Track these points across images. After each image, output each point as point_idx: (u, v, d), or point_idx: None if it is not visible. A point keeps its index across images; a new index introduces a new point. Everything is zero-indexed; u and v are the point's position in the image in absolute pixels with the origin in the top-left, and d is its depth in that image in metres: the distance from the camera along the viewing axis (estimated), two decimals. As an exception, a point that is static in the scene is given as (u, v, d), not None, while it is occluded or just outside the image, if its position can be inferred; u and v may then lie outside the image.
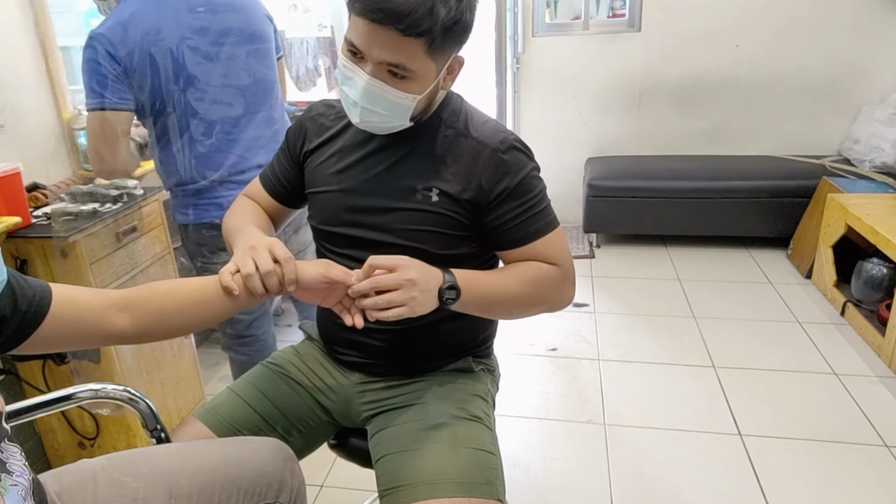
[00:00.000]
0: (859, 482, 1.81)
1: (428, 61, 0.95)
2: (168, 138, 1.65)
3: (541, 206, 1.07)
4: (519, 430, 2.11)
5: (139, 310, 0.90)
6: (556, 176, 3.88)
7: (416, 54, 0.93)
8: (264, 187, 1.23)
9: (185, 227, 1.75)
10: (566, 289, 1.10)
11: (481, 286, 1.02)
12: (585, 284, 3.18)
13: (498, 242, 1.09)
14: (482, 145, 1.04)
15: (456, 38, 0.96)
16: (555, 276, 1.07)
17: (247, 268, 0.91)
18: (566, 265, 1.09)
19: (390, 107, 0.98)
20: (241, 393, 1.17)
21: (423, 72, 0.96)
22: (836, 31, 3.42)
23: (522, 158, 1.05)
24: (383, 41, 0.91)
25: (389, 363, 1.17)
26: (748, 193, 3.36)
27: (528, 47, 3.74)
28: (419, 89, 0.97)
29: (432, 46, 0.93)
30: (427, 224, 1.05)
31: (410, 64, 0.93)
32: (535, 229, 1.06)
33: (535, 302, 1.08)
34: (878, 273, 2.58)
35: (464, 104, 1.12)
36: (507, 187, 1.03)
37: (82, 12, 2.28)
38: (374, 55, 0.93)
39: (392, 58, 0.93)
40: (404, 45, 0.91)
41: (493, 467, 1.03)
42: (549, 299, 1.09)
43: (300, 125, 1.18)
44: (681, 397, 2.24)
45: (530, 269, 1.06)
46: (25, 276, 0.84)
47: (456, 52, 1.00)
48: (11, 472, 0.74)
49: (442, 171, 1.04)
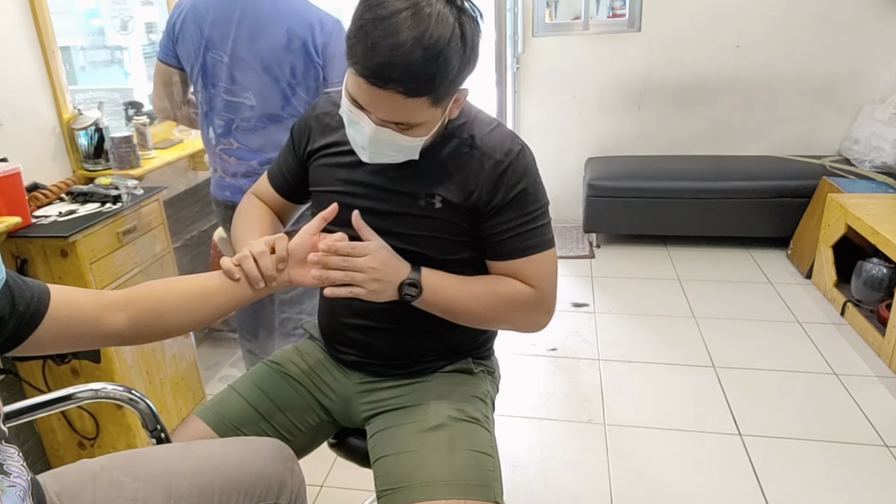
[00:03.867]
0: (859, 482, 1.81)
1: (434, 111, 0.93)
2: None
3: (535, 223, 1.04)
4: (519, 430, 2.11)
5: (137, 308, 0.90)
6: (556, 176, 3.88)
7: (421, 110, 0.90)
8: (271, 184, 1.24)
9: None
10: (538, 316, 1.08)
11: (447, 290, 1.02)
12: (585, 284, 3.18)
13: (487, 252, 1.08)
14: (486, 156, 1.03)
15: (460, 84, 0.94)
16: (528, 298, 1.05)
17: (241, 253, 0.95)
18: (545, 291, 1.06)
19: (399, 149, 0.97)
20: (242, 391, 1.18)
21: (429, 119, 0.94)
22: (836, 31, 3.41)
23: (524, 172, 1.03)
24: (386, 102, 0.89)
25: (389, 363, 1.17)
26: (748, 193, 3.36)
27: (528, 47, 3.74)
28: (426, 132, 0.97)
29: (437, 100, 0.91)
30: (429, 230, 1.05)
31: (415, 119, 0.92)
32: (525, 247, 1.04)
33: (500, 319, 1.07)
34: (878, 273, 2.58)
35: (471, 110, 1.09)
36: (505, 199, 1.02)
37: (82, 12, 2.28)
38: (380, 115, 0.92)
39: (397, 117, 0.91)
40: (409, 105, 0.89)
41: (491, 469, 1.03)
42: (515, 320, 1.07)
43: (305, 123, 1.17)
44: (681, 397, 2.24)
45: (504, 285, 1.05)
46: (24, 276, 0.84)
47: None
48: (9, 473, 0.74)
49: (445, 180, 1.04)
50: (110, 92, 2.54)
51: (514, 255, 1.05)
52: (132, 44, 2.49)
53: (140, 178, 2.05)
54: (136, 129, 2.17)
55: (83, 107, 2.03)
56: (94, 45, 2.51)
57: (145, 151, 2.19)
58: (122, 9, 2.24)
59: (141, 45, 2.58)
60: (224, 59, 1.73)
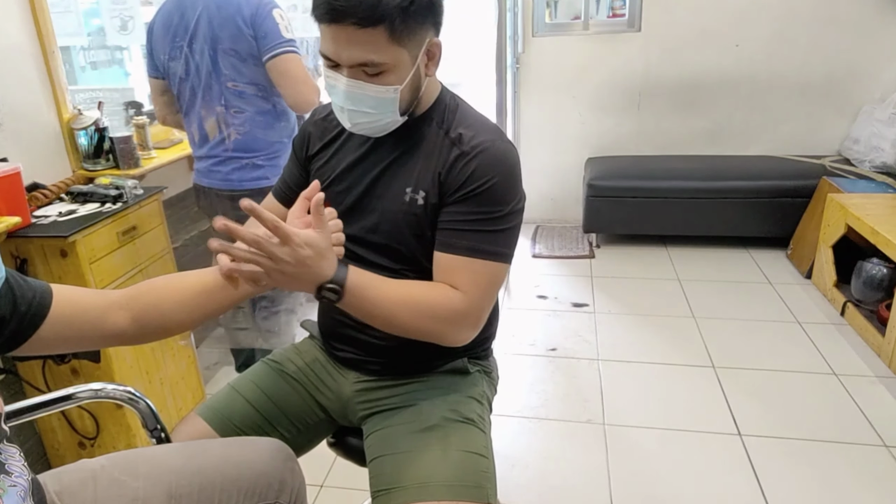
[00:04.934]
0: (859, 482, 1.81)
1: (396, 49, 0.94)
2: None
3: (489, 226, 1.00)
4: (519, 430, 2.11)
5: (138, 305, 0.90)
6: (556, 176, 3.89)
7: (380, 44, 0.93)
8: (274, 196, 1.26)
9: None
10: (463, 330, 1.00)
11: (370, 294, 0.94)
12: (585, 284, 3.18)
13: (436, 241, 1.03)
14: (455, 147, 1.03)
15: (420, 20, 0.95)
16: (457, 307, 0.97)
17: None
18: (475, 303, 0.99)
19: (375, 104, 0.98)
20: (242, 390, 1.19)
21: (395, 61, 0.95)
22: (836, 31, 3.42)
23: (491, 168, 1.00)
24: (346, 40, 0.92)
25: (385, 361, 1.17)
26: (748, 193, 3.36)
27: (528, 47, 3.74)
28: (398, 80, 0.97)
29: (395, 33, 0.92)
30: (410, 226, 1.05)
31: (378, 56, 0.93)
32: (469, 246, 0.99)
33: (422, 329, 0.98)
34: (878, 273, 2.58)
35: (459, 104, 1.10)
36: (464, 193, 1.00)
37: (82, 12, 2.28)
38: (344, 57, 0.94)
39: (360, 55, 0.93)
40: (366, 38, 0.91)
41: (484, 470, 1.03)
42: (435, 331, 0.99)
43: (304, 131, 1.20)
44: (681, 397, 2.24)
45: (434, 292, 0.98)
46: (26, 277, 0.84)
47: (429, 35, 0.99)
48: (10, 473, 0.74)
49: (427, 174, 1.04)
50: (110, 92, 2.54)
51: (459, 250, 1.00)
52: (132, 44, 2.49)
53: (140, 178, 2.06)
54: (136, 128, 2.17)
55: (83, 107, 2.03)
56: (94, 45, 2.51)
57: (145, 151, 2.19)
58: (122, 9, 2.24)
59: (141, 46, 2.58)
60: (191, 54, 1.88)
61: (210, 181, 2.00)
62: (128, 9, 2.24)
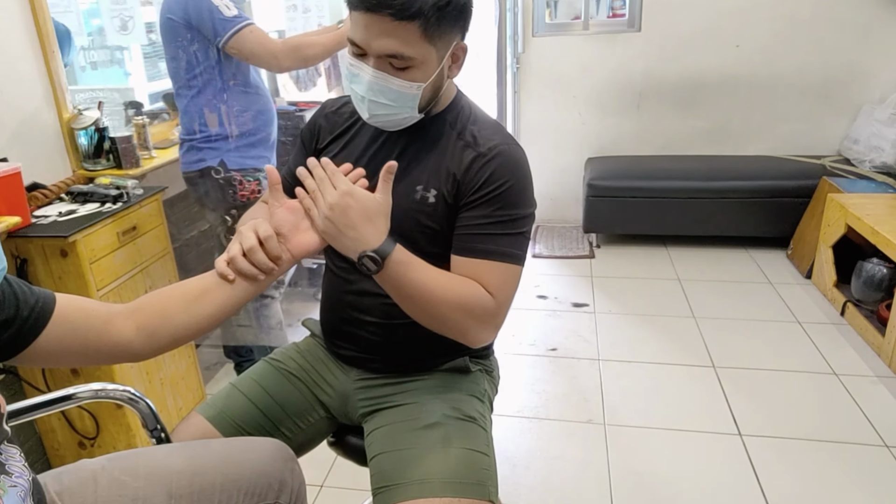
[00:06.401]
0: (859, 482, 1.81)
1: (426, 46, 0.95)
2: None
3: (508, 229, 1.01)
4: (519, 430, 2.11)
5: (144, 313, 0.89)
6: (556, 176, 3.88)
7: (412, 39, 0.94)
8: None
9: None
10: (486, 328, 1.01)
11: (411, 275, 0.94)
12: (585, 284, 3.18)
13: (454, 245, 1.04)
14: (471, 149, 1.04)
15: (452, 21, 0.97)
16: (487, 307, 0.99)
17: (232, 251, 0.91)
18: (501, 304, 1.01)
19: (396, 97, 0.99)
20: (243, 389, 1.19)
21: (423, 58, 0.96)
22: (836, 31, 3.42)
23: (508, 171, 1.02)
24: (379, 30, 0.93)
25: (386, 359, 1.17)
26: (748, 193, 3.36)
27: (528, 47, 3.74)
28: (423, 77, 0.98)
29: (428, 30, 0.94)
30: (421, 223, 1.06)
31: (408, 51, 0.94)
32: (492, 250, 1.00)
33: (452, 321, 0.99)
34: (878, 273, 2.58)
35: (473, 108, 1.12)
36: (483, 195, 1.02)
37: (82, 12, 2.29)
38: (374, 47, 0.95)
39: (391, 46, 0.94)
40: (400, 31, 0.93)
41: (486, 468, 1.03)
42: (464, 326, 0.99)
43: (314, 123, 1.20)
44: (681, 397, 2.25)
45: (469, 287, 0.99)
46: (31, 284, 0.83)
47: (457, 38, 1.00)
48: (11, 474, 0.74)
49: (439, 174, 1.05)
50: (110, 92, 2.54)
51: (480, 253, 1.01)
52: (132, 44, 2.49)
53: (140, 178, 2.06)
54: (136, 128, 2.17)
55: (83, 107, 2.03)
56: (94, 45, 2.51)
57: (145, 151, 2.19)
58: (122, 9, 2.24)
59: (141, 46, 2.58)
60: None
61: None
62: (128, 9, 2.24)
